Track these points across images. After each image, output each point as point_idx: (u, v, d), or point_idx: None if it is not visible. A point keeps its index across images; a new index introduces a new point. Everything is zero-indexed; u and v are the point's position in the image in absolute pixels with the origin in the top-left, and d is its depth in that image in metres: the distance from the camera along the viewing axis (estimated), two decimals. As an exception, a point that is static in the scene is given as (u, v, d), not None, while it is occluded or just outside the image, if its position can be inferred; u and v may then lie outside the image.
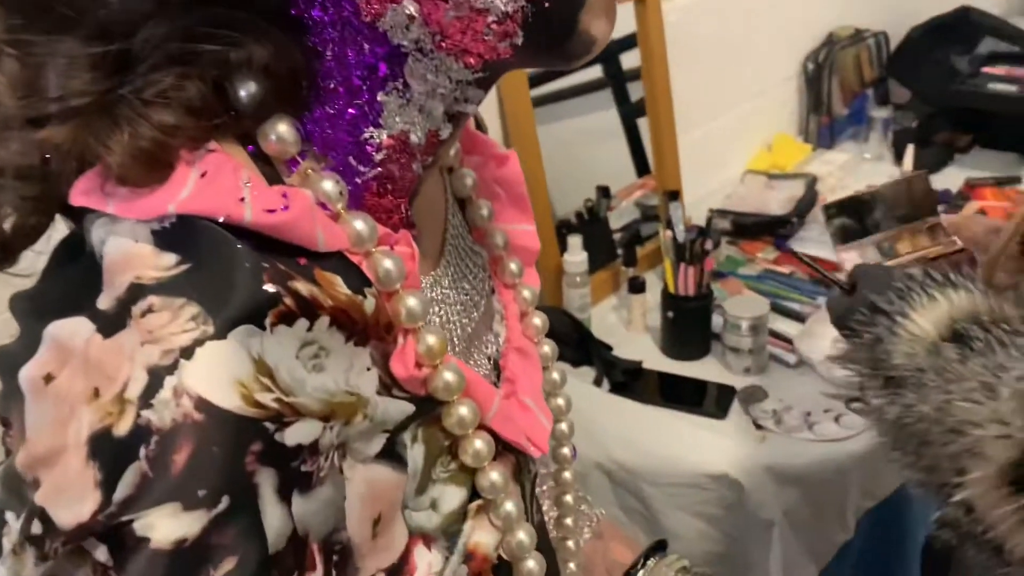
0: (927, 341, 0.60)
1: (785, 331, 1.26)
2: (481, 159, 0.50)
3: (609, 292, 1.44)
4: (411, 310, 0.36)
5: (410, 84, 0.36)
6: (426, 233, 0.43)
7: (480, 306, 0.47)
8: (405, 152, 0.37)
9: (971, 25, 2.02)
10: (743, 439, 1.05)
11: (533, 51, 0.36)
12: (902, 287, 0.65)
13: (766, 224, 1.53)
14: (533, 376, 0.49)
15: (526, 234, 0.52)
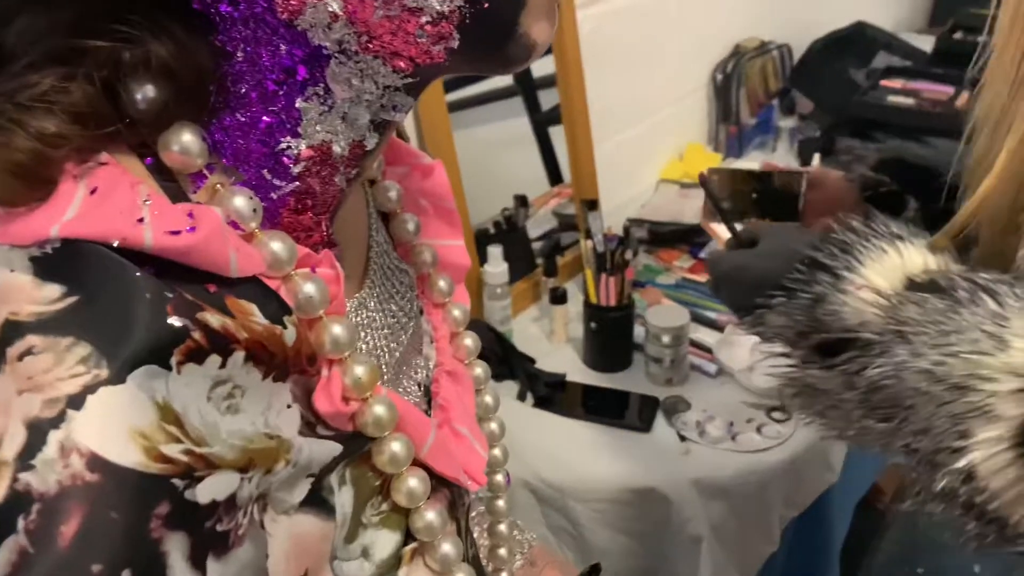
0: (891, 296, 0.54)
1: (704, 340, 1.26)
2: (406, 170, 0.47)
3: (530, 303, 1.41)
4: (336, 339, 0.32)
5: (332, 89, 0.32)
6: (348, 252, 0.39)
7: (408, 328, 0.43)
8: (326, 164, 0.33)
9: (866, 39, 2.11)
10: (668, 452, 1.04)
11: (469, 55, 0.33)
12: (842, 239, 0.58)
13: (681, 233, 1.54)
14: (466, 401, 0.46)
15: (455, 250, 0.49)
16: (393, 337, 0.41)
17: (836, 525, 1.17)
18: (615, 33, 1.55)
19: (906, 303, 0.53)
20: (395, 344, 0.41)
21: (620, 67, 1.60)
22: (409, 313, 0.43)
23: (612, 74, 1.57)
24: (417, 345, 0.44)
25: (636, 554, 1.02)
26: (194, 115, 0.31)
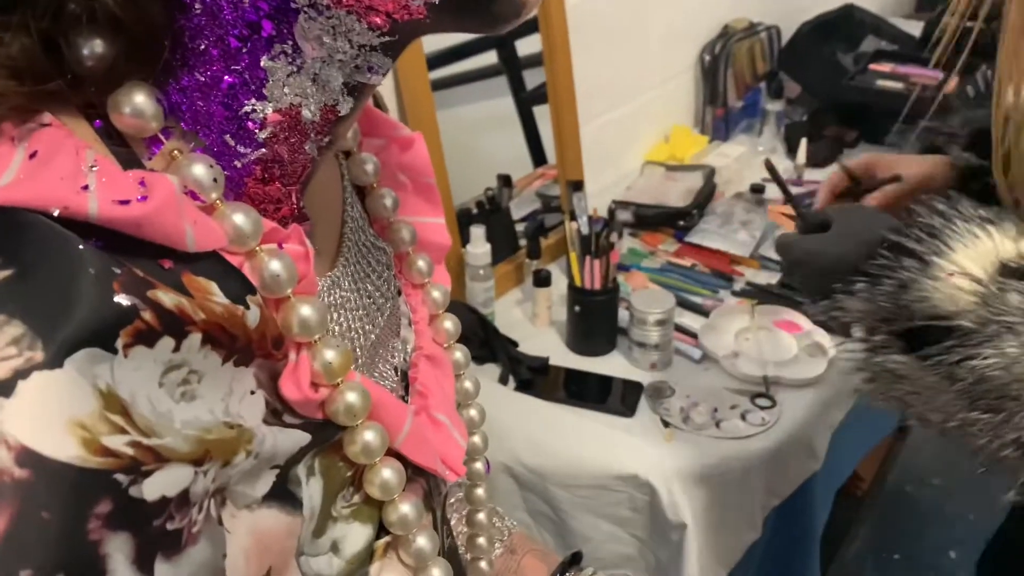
0: (988, 284, 0.53)
1: (689, 325, 1.24)
2: (383, 142, 0.44)
3: (513, 285, 1.39)
4: (305, 320, 0.30)
5: (301, 48, 0.29)
6: (321, 227, 0.37)
7: (385, 310, 0.41)
8: (295, 130, 0.31)
9: (855, 23, 2.09)
10: (651, 437, 1.03)
11: (453, 11, 0.30)
12: (929, 223, 0.56)
13: (667, 216, 1.52)
14: (446, 387, 0.43)
15: (435, 227, 0.46)
16: (369, 319, 0.39)
17: (818, 513, 1.17)
18: (602, 12, 1.52)
19: (1008, 291, 0.52)
20: (371, 326, 0.39)
21: (607, 47, 1.57)
22: (386, 293, 0.41)
23: (599, 54, 1.55)
24: (394, 327, 0.42)
25: (618, 540, 1.01)
26: (148, 74, 0.28)
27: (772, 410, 1.08)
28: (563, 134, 1.46)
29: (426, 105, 1.21)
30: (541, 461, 1.02)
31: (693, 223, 1.51)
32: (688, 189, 1.57)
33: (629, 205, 1.54)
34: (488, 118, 1.47)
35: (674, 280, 1.37)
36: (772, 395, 1.10)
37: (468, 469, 0.52)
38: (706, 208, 1.54)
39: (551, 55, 1.40)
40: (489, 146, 1.50)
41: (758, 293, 1.33)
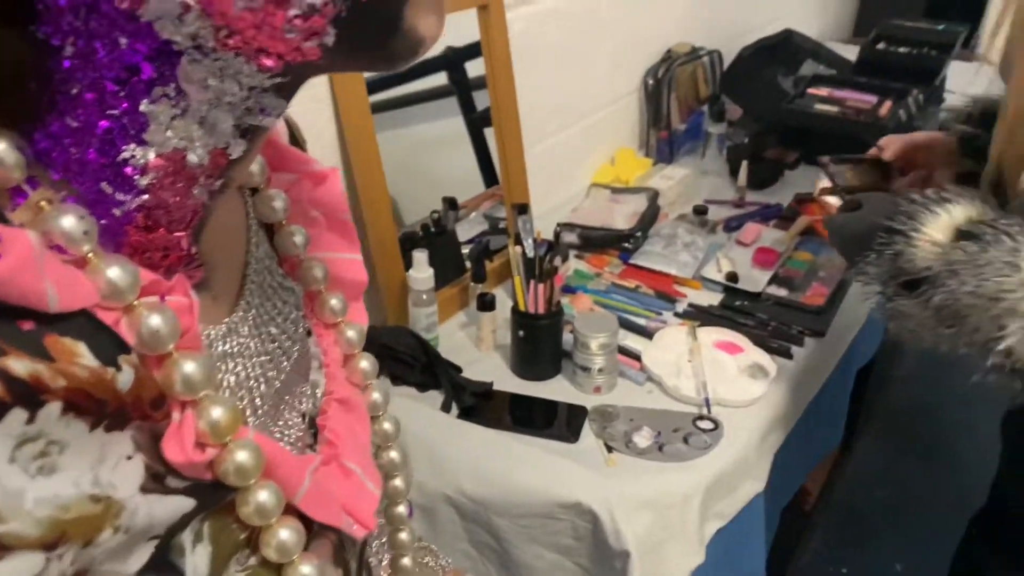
0: (944, 244, 0.79)
1: (633, 348, 1.25)
2: (294, 178, 0.43)
3: (457, 309, 1.38)
4: (188, 378, 0.28)
5: (185, 90, 0.28)
6: (220, 271, 0.36)
7: (292, 353, 0.39)
8: (181, 175, 0.29)
9: (794, 47, 2.14)
10: (594, 463, 1.02)
11: (348, 51, 0.30)
12: (908, 209, 0.82)
13: (612, 238, 1.52)
14: (359, 432, 0.42)
15: (350, 264, 0.45)
16: (273, 364, 0.37)
17: (764, 534, 1.17)
18: (546, 35, 1.53)
19: (954, 249, 0.78)
20: (274, 372, 0.37)
21: (551, 69, 1.58)
22: (293, 336, 0.40)
23: (543, 76, 1.55)
24: (303, 371, 0.40)
25: (562, 569, 0.99)
26: (10, 119, 0.26)
27: (714, 432, 1.08)
28: (508, 157, 1.46)
29: (365, 128, 1.20)
30: (484, 491, 1.01)
31: (638, 245, 1.52)
32: (633, 211, 1.58)
33: (575, 227, 1.55)
34: (440, 139, 1.47)
35: (618, 302, 1.38)
36: (714, 417, 1.10)
37: (390, 513, 0.50)
38: (650, 230, 1.56)
39: (494, 80, 1.40)
40: (440, 167, 1.48)
41: (699, 314, 1.34)
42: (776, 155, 1.85)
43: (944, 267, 0.77)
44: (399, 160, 1.32)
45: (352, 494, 0.38)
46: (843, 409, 1.54)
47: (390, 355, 1.16)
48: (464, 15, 1.35)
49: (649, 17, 1.80)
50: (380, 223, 1.24)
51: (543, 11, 1.50)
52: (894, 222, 0.83)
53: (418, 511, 1.07)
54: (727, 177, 1.81)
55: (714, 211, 1.65)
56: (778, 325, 1.31)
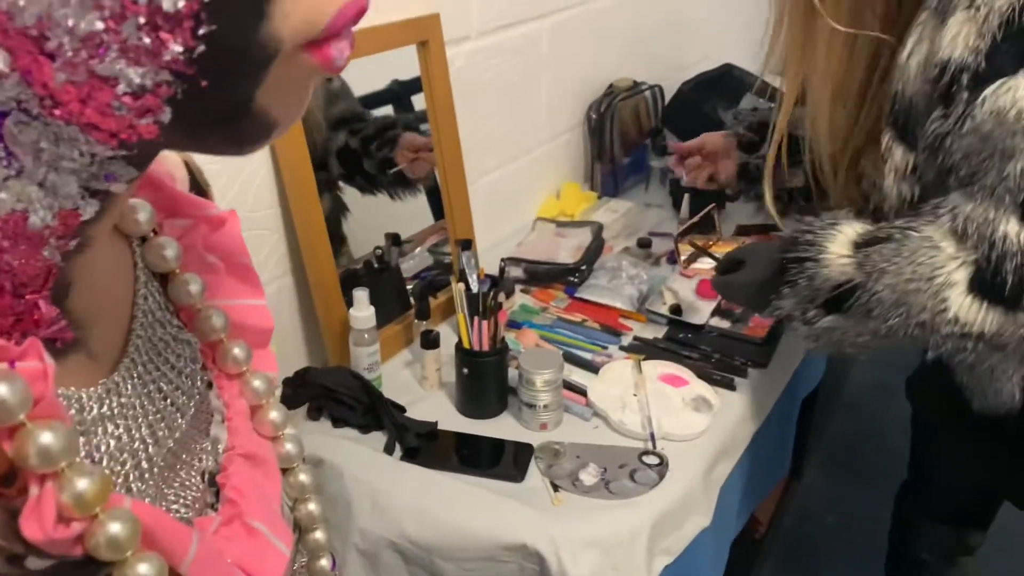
0: (855, 255, 0.87)
1: (579, 383, 1.24)
2: (187, 223, 0.41)
3: (402, 346, 1.36)
4: (45, 449, 0.26)
5: (15, 153, 0.26)
6: (99, 328, 0.34)
7: (188, 409, 0.37)
8: (22, 237, 0.27)
9: (734, 81, 2.19)
10: (540, 503, 1.01)
11: (190, 131, 0.28)
12: (806, 239, 0.90)
13: (557, 272, 1.52)
14: (266, 488, 0.40)
15: (253, 310, 0.43)
16: (165, 423, 0.35)
17: (712, 568, 1.17)
18: (487, 71, 1.54)
19: (867, 256, 0.86)
20: (166, 431, 0.35)
21: (494, 104, 1.58)
22: (189, 391, 0.38)
23: (486, 111, 1.56)
24: (202, 427, 0.38)
25: (508, 613, 0.97)
26: None
27: (660, 467, 1.07)
28: (451, 192, 1.45)
29: (302, 166, 1.18)
30: (427, 534, 0.99)
31: (583, 279, 1.52)
32: (577, 245, 1.58)
33: (520, 261, 1.54)
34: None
35: (565, 337, 1.37)
36: (660, 452, 1.10)
37: (312, 568, 0.48)
38: (595, 263, 1.56)
39: (435, 115, 1.39)
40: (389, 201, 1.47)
41: (645, 347, 1.34)
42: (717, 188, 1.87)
43: (868, 272, 0.85)
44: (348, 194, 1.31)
45: (256, 555, 0.36)
46: (789, 438, 1.55)
47: (331, 397, 1.14)
48: (407, 49, 1.34)
49: (590, 53, 1.82)
50: (319, 261, 1.21)
51: (484, 47, 1.51)
52: (796, 252, 0.90)
53: (360, 557, 1.04)
54: (670, 209, 1.83)
55: (658, 243, 1.67)
56: (721, 357, 1.31)
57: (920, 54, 0.85)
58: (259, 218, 1.17)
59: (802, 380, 1.48)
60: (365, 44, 1.24)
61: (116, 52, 0.25)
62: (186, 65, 0.25)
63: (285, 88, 0.29)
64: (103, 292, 0.34)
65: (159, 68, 0.25)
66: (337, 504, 1.05)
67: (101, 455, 0.32)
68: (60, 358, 0.31)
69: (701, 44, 2.38)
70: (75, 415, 0.31)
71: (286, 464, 0.43)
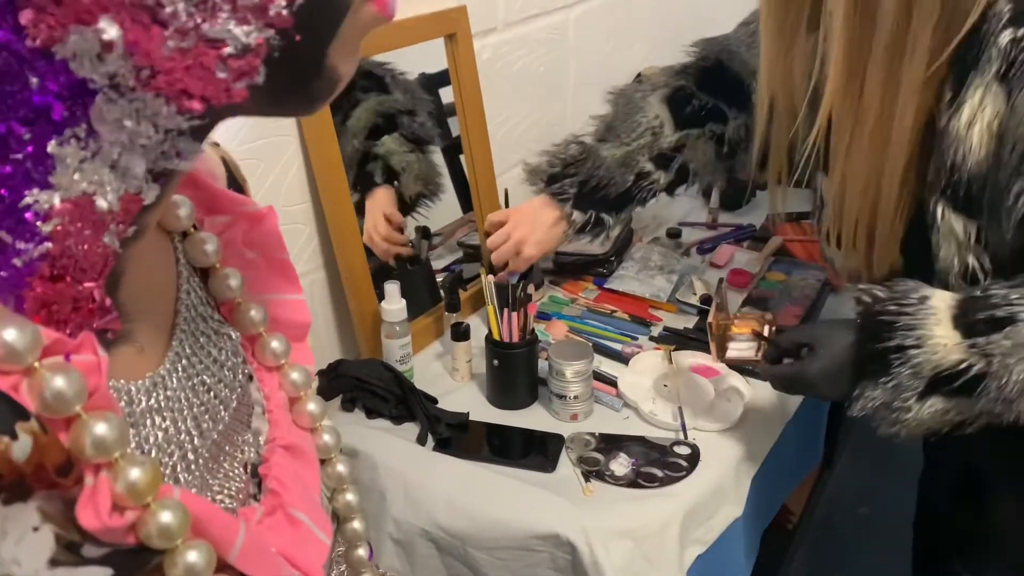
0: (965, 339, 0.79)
1: (609, 373, 1.24)
2: (227, 220, 0.42)
3: (433, 338, 1.37)
4: (100, 439, 0.27)
5: (97, 131, 0.26)
6: (146, 321, 0.34)
7: (231, 402, 0.38)
8: (89, 221, 0.28)
9: (763, 69, 2.16)
10: (572, 493, 1.01)
11: (272, 92, 0.29)
12: (904, 320, 0.82)
13: (586, 263, 1.52)
14: (307, 478, 0.41)
15: (291, 304, 0.44)
16: (209, 415, 0.36)
17: (745, 558, 1.17)
18: (515, 62, 1.54)
19: (988, 343, 0.78)
20: (210, 423, 0.36)
21: (521, 96, 1.58)
22: (232, 384, 0.39)
23: (513, 103, 1.56)
24: (244, 419, 0.39)
25: (541, 602, 0.98)
26: None
27: (691, 457, 1.08)
28: (479, 184, 1.46)
29: (333, 161, 1.19)
30: (460, 524, 1.00)
31: (612, 269, 1.52)
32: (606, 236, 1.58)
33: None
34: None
35: (594, 328, 1.37)
36: (691, 442, 1.10)
37: (349, 557, 0.49)
38: (624, 254, 1.56)
39: (463, 107, 1.40)
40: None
41: (675, 338, 1.34)
42: (747, 176, 1.86)
43: (990, 359, 0.78)
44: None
45: (298, 544, 0.37)
46: (821, 429, 1.54)
47: (364, 388, 1.15)
48: (435, 42, 1.35)
49: (617, 42, 1.82)
50: (350, 255, 1.23)
51: (511, 38, 1.51)
52: (891, 338, 0.82)
53: (395, 546, 1.05)
54: (700, 199, 1.82)
55: (687, 233, 1.66)
56: (753, 347, 1.31)
57: (982, 122, 0.79)
58: (292, 212, 1.19)
59: (834, 370, 1.46)
60: (393, 38, 1.25)
61: (227, 12, 0.25)
62: (287, 18, 0.26)
63: (348, 42, 0.30)
64: (149, 285, 0.35)
65: (264, 25, 0.26)
66: (371, 494, 1.06)
67: (150, 447, 0.33)
68: (111, 350, 0.32)
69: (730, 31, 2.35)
70: (124, 407, 0.32)
71: (324, 455, 0.44)
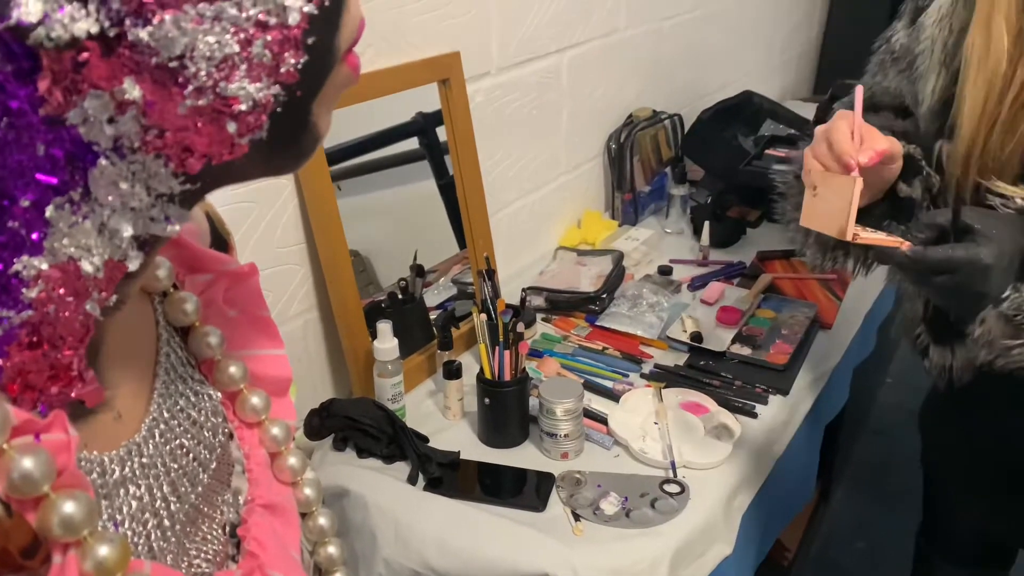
0: None
1: (600, 411, 1.25)
2: (208, 278, 0.42)
3: (425, 376, 1.38)
4: (67, 519, 0.27)
5: (93, 194, 0.27)
6: (124, 386, 0.35)
7: (210, 463, 0.39)
8: (72, 287, 0.28)
9: (754, 107, 2.20)
10: (561, 532, 1.02)
11: (269, 148, 0.30)
12: None
13: (578, 300, 1.54)
14: (286, 537, 0.41)
15: (272, 359, 0.45)
16: (188, 478, 0.37)
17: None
18: (508, 105, 1.57)
19: None
20: (188, 487, 0.37)
21: (514, 137, 1.61)
22: (211, 444, 0.39)
23: (506, 145, 1.59)
24: (224, 478, 0.40)
25: (531, 642, 0.98)
26: None
27: (681, 496, 1.08)
28: (473, 224, 1.48)
29: (327, 200, 1.21)
30: (450, 563, 1.00)
31: (604, 307, 1.54)
32: (598, 273, 1.60)
33: (541, 291, 1.57)
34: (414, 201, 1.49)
35: (585, 365, 1.39)
36: (680, 480, 1.11)
37: None
38: (616, 291, 1.58)
39: (456, 147, 1.43)
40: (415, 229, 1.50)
41: (666, 375, 1.35)
42: (738, 214, 1.89)
43: None
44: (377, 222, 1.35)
45: None
46: (813, 465, 1.54)
47: (356, 428, 1.16)
48: (428, 87, 1.38)
49: (609, 84, 1.85)
50: (344, 295, 1.25)
51: (505, 82, 1.54)
52: None
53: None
54: (691, 236, 1.84)
55: (679, 270, 1.68)
56: (743, 384, 1.32)
57: None
58: (287, 253, 1.21)
59: (825, 406, 1.47)
60: (388, 83, 1.28)
61: (243, 72, 0.27)
62: (294, 75, 0.28)
63: (328, 99, 0.31)
64: (129, 352, 0.36)
65: (273, 82, 0.28)
66: (362, 534, 1.07)
67: (123, 517, 0.33)
68: (87, 418, 0.32)
69: (720, 72, 2.40)
70: (97, 479, 0.32)
71: (305, 509, 0.45)
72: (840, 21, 3.13)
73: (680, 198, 1.86)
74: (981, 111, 0.84)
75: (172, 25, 0.25)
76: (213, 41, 0.26)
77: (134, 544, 0.33)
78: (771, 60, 2.78)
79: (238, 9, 0.26)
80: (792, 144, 1.96)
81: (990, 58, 0.83)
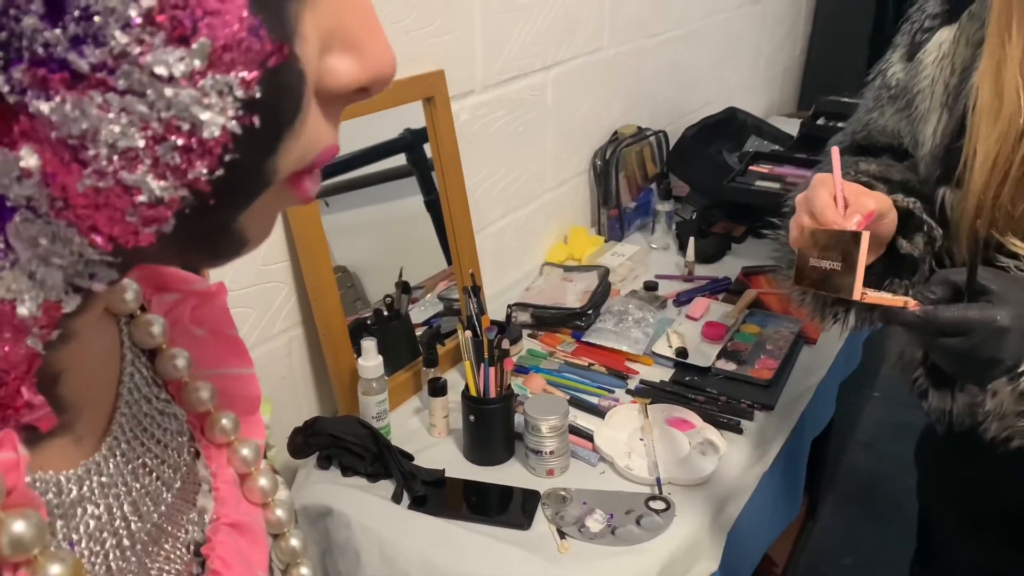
0: None
1: (586, 427, 1.25)
2: (176, 297, 0.42)
3: (411, 393, 1.38)
4: (17, 538, 0.27)
5: (13, 246, 0.27)
6: (87, 409, 0.35)
7: (174, 482, 0.39)
8: (8, 326, 0.28)
9: (738, 124, 2.22)
10: (547, 551, 1.02)
11: (179, 244, 0.29)
12: None
13: (564, 316, 1.54)
14: (253, 557, 0.41)
15: (242, 379, 0.44)
16: (150, 497, 0.37)
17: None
18: (493, 122, 1.58)
19: None
20: (151, 506, 0.37)
21: (500, 155, 1.62)
22: (176, 464, 0.39)
23: (491, 162, 1.59)
24: (190, 497, 0.40)
25: (516, 662, 0.98)
26: None
27: (666, 513, 1.08)
28: (458, 242, 1.48)
29: (311, 217, 1.21)
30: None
31: (590, 323, 1.54)
32: (584, 289, 1.60)
33: (527, 307, 1.57)
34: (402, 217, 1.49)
35: (571, 381, 1.39)
36: (666, 497, 1.11)
37: None
38: (602, 307, 1.58)
39: (441, 165, 1.43)
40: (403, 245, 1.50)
41: (651, 391, 1.35)
42: (724, 229, 1.90)
43: None
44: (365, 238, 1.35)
45: None
46: (799, 480, 1.55)
47: (340, 446, 1.16)
48: (413, 105, 1.39)
49: (594, 101, 1.87)
50: (328, 313, 1.24)
51: (490, 100, 1.55)
52: None
53: (370, 606, 1.05)
54: (676, 252, 1.85)
55: (664, 286, 1.69)
56: (728, 399, 1.32)
57: None
58: (271, 271, 1.21)
59: (810, 421, 1.48)
60: (373, 101, 1.28)
61: (147, 166, 0.26)
62: (204, 184, 0.27)
63: (263, 213, 0.31)
64: (93, 377, 0.36)
65: (180, 184, 0.27)
66: (346, 553, 1.06)
67: (80, 536, 0.33)
68: (44, 442, 0.32)
69: (704, 89, 2.42)
70: (52, 498, 0.32)
71: (276, 530, 0.44)
72: (823, 38, 3.17)
73: (665, 214, 1.87)
74: (992, 166, 0.80)
75: (74, 107, 0.25)
76: (118, 131, 0.25)
77: (92, 563, 0.32)
78: (755, 77, 2.81)
79: (149, 108, 0.25)
80: (776, 161, 1.98)
81: (1002, 112, 0.79)
